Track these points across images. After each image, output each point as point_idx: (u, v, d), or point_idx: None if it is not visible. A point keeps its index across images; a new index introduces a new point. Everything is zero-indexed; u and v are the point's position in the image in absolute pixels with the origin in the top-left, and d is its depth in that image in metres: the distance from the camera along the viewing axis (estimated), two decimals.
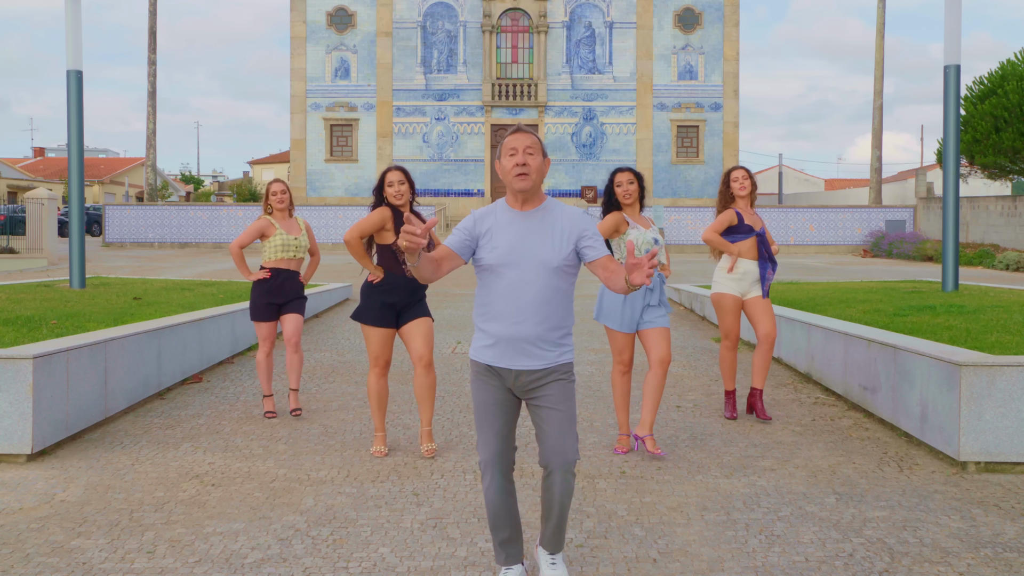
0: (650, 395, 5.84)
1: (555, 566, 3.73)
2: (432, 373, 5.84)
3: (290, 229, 6.99)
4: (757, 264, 6.69)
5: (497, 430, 3.63)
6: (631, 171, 5.93)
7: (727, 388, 6.89)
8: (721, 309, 6.79)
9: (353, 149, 39.88)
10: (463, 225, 3.66)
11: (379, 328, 5.76)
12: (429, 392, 5.85)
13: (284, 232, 6.93)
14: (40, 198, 25.93)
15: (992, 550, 4.18)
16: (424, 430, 5.86)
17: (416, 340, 5.78)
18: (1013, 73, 29.23)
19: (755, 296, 6.73)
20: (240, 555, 4.13)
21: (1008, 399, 5.39)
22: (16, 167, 62.28)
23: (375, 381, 5.86)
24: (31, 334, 7.03)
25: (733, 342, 6.78)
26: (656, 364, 5.81)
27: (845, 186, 64.97)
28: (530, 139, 3.59)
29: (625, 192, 5.86)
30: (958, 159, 11.09)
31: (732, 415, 6.80)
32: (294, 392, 7.00)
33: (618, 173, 5.90)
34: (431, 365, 5.83)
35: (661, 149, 39.69)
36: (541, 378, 3.60)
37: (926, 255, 29.90)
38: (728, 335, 6.77)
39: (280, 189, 7.01)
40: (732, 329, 6.76)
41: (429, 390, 5.84)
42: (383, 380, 5.87)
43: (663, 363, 5.80)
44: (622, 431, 5.95)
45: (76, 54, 11.67)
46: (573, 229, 3.60)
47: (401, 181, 5.76)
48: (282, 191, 7.01)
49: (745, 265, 6.70)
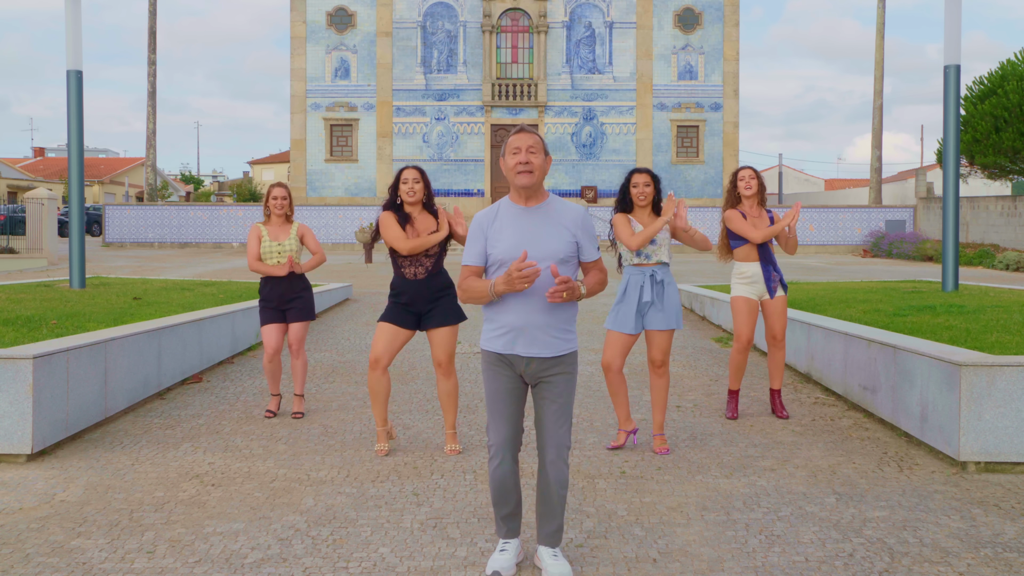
0: (652, 396, 6.01)
1: (557, 558, 3.86)
2: (451, 380, 5.88)
3: (277, 235, 6.94)
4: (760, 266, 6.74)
5: (508, 416, 3.87)
6: (649, 173, 5.94)
7: (731, 387, 6.91)
8: (735, 312, 6.86)
9: (353, 149, 39.87)
10: (473, 234, 3.89)
11: (388, 324, 5.81)
12: (448, 398, 5.90)
13: (268, 239, 6.91)
14: (40, 198, 25.93)
15: (992, 550, 4.18)
16: (448, 432, 5.93)
17: (434, 346, 5.87)
18: (1013, 73, 29.22)
19: (777, 297, 6.79)
20: (240, 555, 4.13)
21: (1008, 399, 5.39)
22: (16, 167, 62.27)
23: (370, 375, 5.87)
24: (31, 334, 7.03)
25: (744, 344, 6.79)
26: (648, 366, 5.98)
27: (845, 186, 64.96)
28: (532, 139, 3.80)
29: (641, 193, 5.89)
30: (958, 159, 11.09)
31: (733, 415, 6.81)
32: (299, 397, 6.97)
33: (635, 174, 5.92)
34: (449, 372, 5.86)
35: (661, 149, 39.68)
36: (550, 367, 3.83)
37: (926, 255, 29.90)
38: (739, 337, 6.80)
39: (281, 195, 6.96)
40: (744, 332, 6.79)
41: (448, 396, 5.90)
42: (375, 374, 5.83)
43: (652, 364, 5.96)
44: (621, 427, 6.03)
45: (76, 54, 11.67)
46: (575, 224, 3.86)
47: (416, 180, 5.82)
48: (283, 197, 6.96)
49: (751, 268, 6.73)
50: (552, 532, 3.89)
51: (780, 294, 6.80)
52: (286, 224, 7.02)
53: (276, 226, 6.98)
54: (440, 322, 5.82)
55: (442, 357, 5.82)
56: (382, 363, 5.83)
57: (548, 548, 3.90)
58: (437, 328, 5.82)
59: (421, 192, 5.83)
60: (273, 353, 6.92)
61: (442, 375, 5.86)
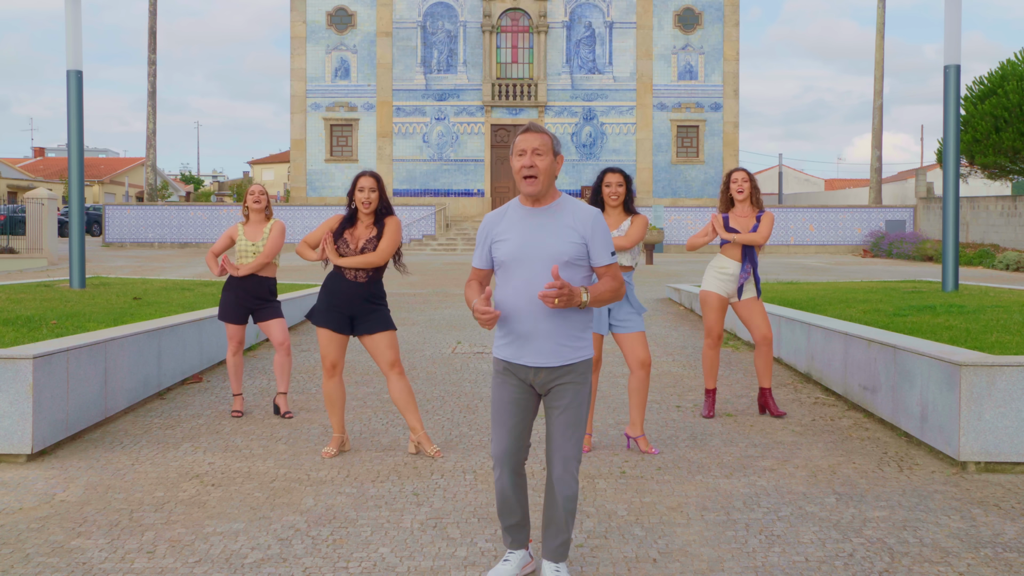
0: (635, 396, 5.91)
1: (559, 574, 3.71)
2: (405, 379, 5.78)
3: (252, 235, 6.95)
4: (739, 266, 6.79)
5: (510, 428, 3.67)
6: (622, 173, 5.94)
7: (707, 387, 6.94)
8: (705, 306, 6.91)
9: (353, 149, 39.87)
10: (480, 237, 3.77)
11: (324, 329, 5.70)
12: (408, 396, 5.77)
13: (244, 238, 6.93)
14: (40, 198, 25.93)
15: (992, 550, 4.18)
16: (421, 434, 5.78)
17: (379, 352, 5.71)
18: (1013, 73, 29.23)
19: (747, 298, 6.80)
20: (240, 555, 4.13)
21: (1008, 399, 5.39)
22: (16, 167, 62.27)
23: (325, 383, 5.82)
24: (31, 334, 7.03)
25: (715, 340, 6.84)
26: (637, 367, 5.86)
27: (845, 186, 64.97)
28: (540, 139, 3.60)
29: (613, 193, 5.90)
30: (958, 159, 11.08)
31: (709, 414, 6.85)
32: (283, 395, 6.97)
33: (608, 173, 5.92)
34: (403, 371, 5.77)
35: (661, 149, 39.67)
36: (559, 377, 3.62)
37: (926, 255, 29.90)
38: (710, 332, 6.85)
39: (257, 190, 7.05)
40: (714, 327, 6.83)
41: (407, 394, 5.77)
42: (332, 382, 5.79)
43: (644, 365, 5.86)
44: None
45: (76, 54, 11.67)
46: (584, 225, 3.62)
47: (372, 188, 5.68)
48: (260, 192, 7.03)
49: (731, 267, 6.77)
50: (557, 547, 3.70)
51: (751, 296, 6.81)
52: (264, 223, 7.03)
53: (254, 224, 6.99)
54: (377, 327, 5.68)
55: (392, 356, 5.69)
56: (339, 368, 5.77)
57: (551, 563, 3.71)
58: (377, 333, 5.67)
59: (376, 202, 5.69)
60: (237, 348, 6.98)
61: (396, 375, 5.73)
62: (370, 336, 5.70)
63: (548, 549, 3.73)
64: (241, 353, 7.04)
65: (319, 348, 5.81)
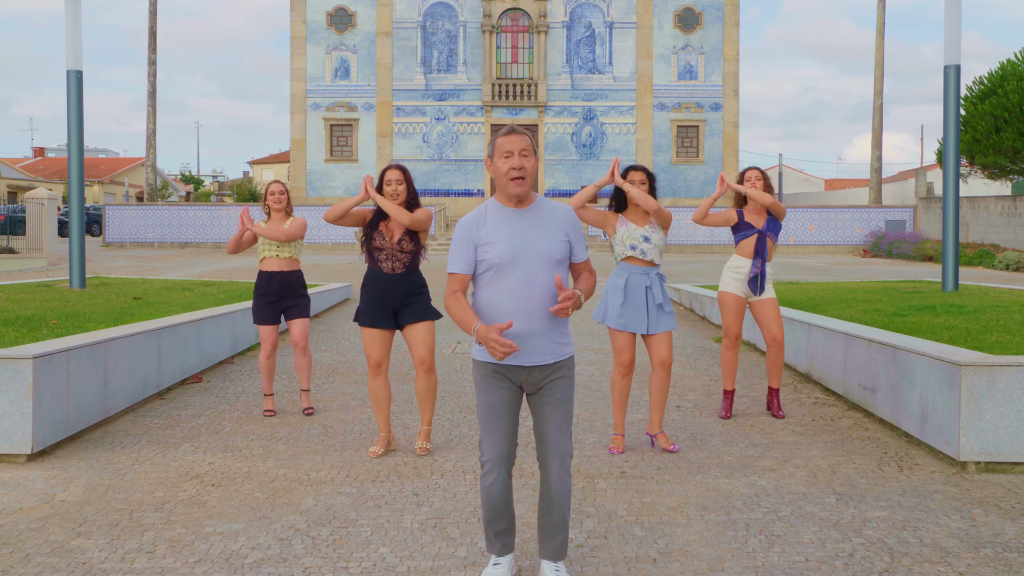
0: (655, 395, 5.97)
1: (560, 573, 3.72)
2: (433, 376, 5.86)
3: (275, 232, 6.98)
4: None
5: (506, 431, 3.69)
6: (644, 171, 5.95)
7: (725, 387, 6.92)
8: (723, 307, 6.88)
9: (353, 149, 39.87)
10: (461, 241, 3.68)
11: (372, 329, 5.77)
12: (428, 394, 5.88)
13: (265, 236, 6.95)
14: (40, 198, 25.93)
15: (992, 550, 4.18)
16: (423, 429, 5.91)
17: (415, 344, 5.79)
18: (1013, 73, 29.22)
19: (765, 298, 6.78)
20: (240, 555, 4.13)
21: (1008, 399, 5.39)
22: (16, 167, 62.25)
23: (371, 382, 5.90)
24: (31, 334, 7.03)
25: (733, 341, 6.82)
26: (658, 366, 5.91)
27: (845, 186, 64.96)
28: (524, 141, 3.62)
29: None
30: (958, 159, 11.08)
31: (727, 415, 6.83)
32: (305, 392, 7.08)
33: (632, 171, 5.93)
34: (432, 369, 5.84)
35: (661, 149, 39.67)
36: (551, 373, 3.70)
37: (926, 255, 29.89)
38: (728, 333, 6.83)
39: (278, 189, 7.05)
40: (732, 327, 6.82)
41: (428, 392, 5.87)
42: (377, 380, 5.87)
43: (664, 365, 5.90)
44: (617, 431, 5.97)
45: (76, 54, 11.67)
46: (566, 224, 3.73)
47: (400, 181, 5.75)
48: (280, 191, 7.04)
49: (746, 266, 6.76)
50: (557, 546, 3.72)
51: (770, 296, 6.81)
52: (284, 221, 7.04)
53: (275, 222, 7.01)
54: (419, 317, 5.77)
55: (424, 353, 5.77)
56: (384, 367, 5.85)
57: (551, 562, 3.73)
58: (416, 323, 5.76)
59: (404, 194, 5.76)
60: (271, 351, 7.01)
61: (424, 372, 5.81)
62: (411, 326, 5.78)
63: (547, 549, 3.74)
64: (274, 355, 7.06)
65: (365, 348, 5.84)
